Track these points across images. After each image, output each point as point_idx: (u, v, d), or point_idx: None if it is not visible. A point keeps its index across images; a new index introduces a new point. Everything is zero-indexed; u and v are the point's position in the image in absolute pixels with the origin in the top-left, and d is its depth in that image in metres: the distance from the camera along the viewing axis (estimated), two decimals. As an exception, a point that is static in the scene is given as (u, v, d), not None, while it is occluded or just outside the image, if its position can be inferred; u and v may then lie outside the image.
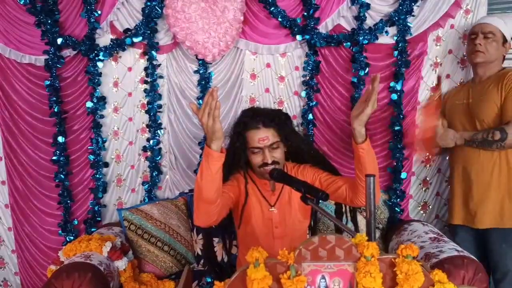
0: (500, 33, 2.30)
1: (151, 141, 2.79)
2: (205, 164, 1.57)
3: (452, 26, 2.65)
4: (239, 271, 1.17)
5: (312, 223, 2.20)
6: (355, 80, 2.66)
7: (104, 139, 2.79)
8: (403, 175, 2.71)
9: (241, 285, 1.16)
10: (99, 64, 2.71)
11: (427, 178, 2.81)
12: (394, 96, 2.65)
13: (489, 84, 2.29)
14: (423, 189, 2.82)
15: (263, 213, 1.98)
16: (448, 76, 2.69)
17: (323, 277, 1.16)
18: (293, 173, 2.00)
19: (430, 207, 2.83)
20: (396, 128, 2.67)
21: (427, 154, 2.71)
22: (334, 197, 1.93)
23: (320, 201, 2.18)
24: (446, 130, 2.37)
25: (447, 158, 2.69)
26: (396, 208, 2.72)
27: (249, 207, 1.98)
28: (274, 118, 1.92)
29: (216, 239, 2.49)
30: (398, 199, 2.72)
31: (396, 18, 2.58)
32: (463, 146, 2.35)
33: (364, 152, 1.70)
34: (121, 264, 2.27)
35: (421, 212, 2.84)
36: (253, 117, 1.92)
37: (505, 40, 2.32)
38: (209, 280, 2.40)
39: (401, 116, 2.66)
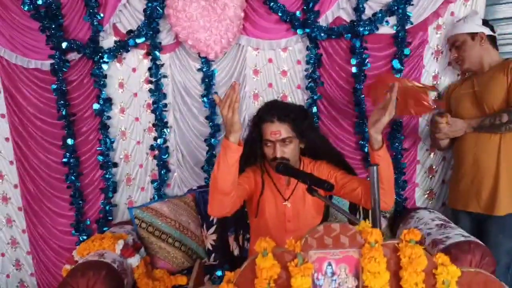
0: (464, 35, 2.42)
1: (158, 140, 2.83)
2: (222, 156, 1.63)
3: (452, 14, 2.65)
4: (248, 261, 1.21)
5: (324, 218, 2.20)
6: (356, 71, 2.68)
7: (112, 140, 2.84)
8: (403, 164, 2.75)
9: (250, 275, 1.20)
10: (104, 66, 2.75)
11: (433, 166, 2.83)
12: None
13: (494, 72, 2.32)
14: (429, 177, 2.84)
15: (277, 207, 2.00)
16: (449, 63, 2.70)
17: (330, 264, 1.20)
18: (309, 169, 2.01)
19: (436, 194, 2.85)
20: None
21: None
22: (349, 198, 1.96)
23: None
24: (454, 121, 2.39)
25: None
26: (399, 198, 2.74)
27: (264, 199, 2.00)
28: (290, 113, 1.92)
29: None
30: (400, 189, 2.75)
31: (395, 7, 2.59)
32: (471, 134, 2.36)
33: (381, 159, 1.69)
34: (134, 261, 2.32)
35: (428, 200, 2.86)
36: (270, 110, 1.94)
37: (474, 35, 2.39)
38: (220, 274, 2.45)
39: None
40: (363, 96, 2.70)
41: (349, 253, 1.19)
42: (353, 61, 2.69)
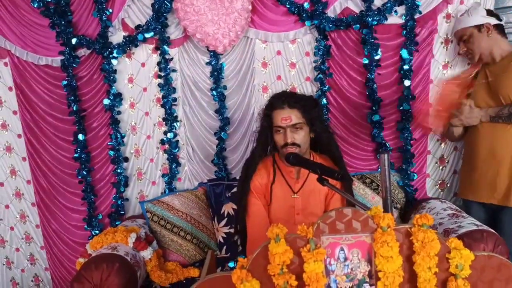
0: (470, 29, 2.40)
1: (168, 134, 2.85)
2: None
3: (461, 2, 2.61)
4: (261, 247, 1.22)
5: None
6: (367, 62, 2.66)
7: (123, 135, 2.85)
8: (412, 155, 2.72)
9: (263, 260, 1.20)
10: (114, 61, 2.76)
11: (444, 156, 2.81)
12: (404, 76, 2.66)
13: (507, 62, 2.29)
14: (440, 167, 2.82)
15: (285, 200, 2.02)
16: (459, 53, 2.67)
17: (342, 249, 1.20)
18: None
19: (448, 185, 2.83)
20: (404, 107, 2.67)
21: (435, 130, 2.69)
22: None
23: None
24: (472, 108, 2.37)
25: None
26: (408, 188, 2.73)
27: (273, 190, 2.02)
28: (300, 100, 1.98)
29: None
30: (409, 179, 2.73)
31: (405, -3, 2.58)
32: (487, 125, 2.33)
33: None
34: (147, 254, 2.34)
35: (439, 190, 2.84)
36: (280, 97, 1.99)
37: (480, 26, 2.36)
38: (232, 265, 2.46)
39: (410, 96, 2.66)
40: (375, 85, 2.69)
41: (361, 238, 1.20)
42: (365, 52, 2.66)
